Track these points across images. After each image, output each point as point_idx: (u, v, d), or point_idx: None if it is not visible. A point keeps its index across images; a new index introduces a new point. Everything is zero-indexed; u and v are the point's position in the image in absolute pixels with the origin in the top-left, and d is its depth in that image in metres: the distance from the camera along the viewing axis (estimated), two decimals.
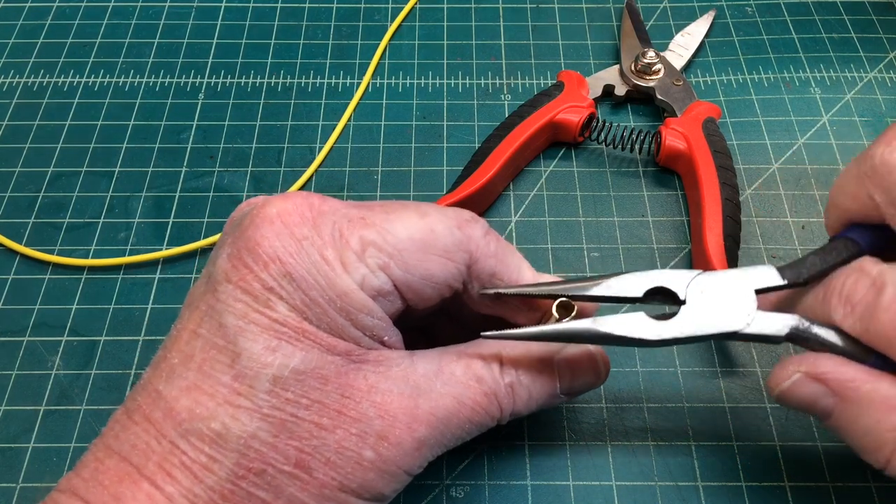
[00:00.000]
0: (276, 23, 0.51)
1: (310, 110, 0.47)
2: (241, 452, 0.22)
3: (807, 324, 0.26)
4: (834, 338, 0.25)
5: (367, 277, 0.24)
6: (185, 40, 0.50)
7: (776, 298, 0.28)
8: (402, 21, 0.51)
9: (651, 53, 0.45)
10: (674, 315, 0.26)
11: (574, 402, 0.35)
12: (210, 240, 0.41)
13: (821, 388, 0.25)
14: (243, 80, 0.48)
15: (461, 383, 0.26)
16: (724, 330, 0.26)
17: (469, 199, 0.39)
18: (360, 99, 0.47)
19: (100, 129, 0.46)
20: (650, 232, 0.41)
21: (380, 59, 0.49)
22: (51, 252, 0.40)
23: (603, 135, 0.43)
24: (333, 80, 0.48)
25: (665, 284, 0.27)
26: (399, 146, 0.45)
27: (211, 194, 0.43)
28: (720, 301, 0.26)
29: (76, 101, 0.47)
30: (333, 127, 0.46)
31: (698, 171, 0.40)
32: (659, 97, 0.44)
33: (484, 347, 0.28)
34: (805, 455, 0.34)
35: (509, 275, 0.28)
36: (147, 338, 0.38)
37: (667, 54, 0.47)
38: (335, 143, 0.45)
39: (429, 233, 0.25)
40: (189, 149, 0.45)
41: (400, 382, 0.25)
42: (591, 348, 0.29)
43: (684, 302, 0.26)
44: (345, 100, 0.47)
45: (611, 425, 0.35)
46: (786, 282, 0.27)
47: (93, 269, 0.40)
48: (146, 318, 0.38)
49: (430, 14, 0.52)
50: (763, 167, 0.43)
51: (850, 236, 0.27)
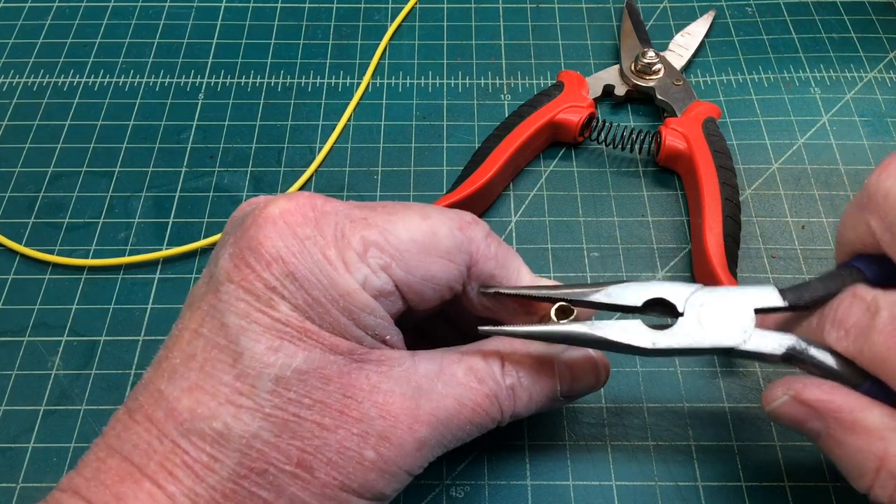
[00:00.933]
0: (276, 23, 0.51)
1: (310, 110, 0.47)
2: (243, 452, 0.22)
3: (804, 345, 0.26)
4: (830, 360, 0.25)
5: (369, 278, 0.24)
6: (185, 40, 0.50)
7: (775, 320, 0.28)
8: (402, 21, 0.51)
9: (651, 53, 0.45)
10: (671, 326, 0.26)
11: (574, 402, 0.35)
12: (210, 240, 0.41)
13: (808, 411, 0.25)
14: (243, 80, 0.48)
15: (462, 384, 0.26)
16: (719, 345, 0.26)
17: (469, 199, 0.39)
18: (360, 99, 0.47)
19: (100, 129, 0.46)
20: (650, 232, 0.41)
21: (380, 59, 0.49)
22: (51, 252, 0.40)
23: (603, 135, 0.43)
24: (333, 80, 0.48)
25: (665, 296, 0.27)
26: (399, 146, 0.45)
27: (211, 194, 0.43)
28: (718, 316, 0.26)
29: (76, 101, 0.47)
30: (333, 127, 0.46)
31: (698, 171, 0.40)
32: (659, 97, 0.44)
33: (486, 349, 0.28)
34: (805, 455, 0.34)
35: (508, 277, 0.28)
36: (147, 338, 0.38)
37: (667, 54, 0.47)
38: (335, 143, 0.45)
39: (430, 234, 0.25)
40: (189, 149, 0.45)
41: (402, 383, 0.25)
42: (592, 352, 0.29)
43: (683, 314, 0.26)
44: (345, 100, 0.47)
45: (611, 425, 0.35)
46: (786, 304, 0.26)
47: (93, 269, 0.40)
48: (146, 318, 0.38)
49: (430, 14, 0.52)
50: (763, 167, 0.43)
51: (855, 265, 0.27)
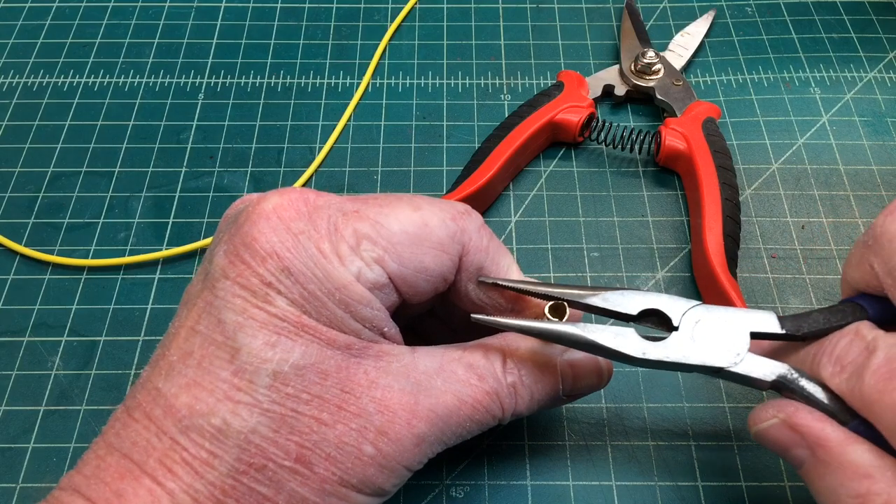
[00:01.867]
0: (276, 23, 0.51)
1: (310, 110, 0.47)
2: (242, 447, 0.22)
3: (795, 375, 0.26)
4: (820, 394, 0.25)
5: (363, 270, 0.24)
6: (185, 40, 0.50)
7: (770, 346, 0.28)
8: (402, 21, 0.51)
9: (651, 53, 0.45)
10: (663, 339, 0.26)
11: (574, 402, 0.35)
12: (210, 240, 0.41)
13: (796, 437, 0.25)
14: (243, 80, 0.48)
15: (462, 381, 0.26)
16: (709, 364, 0.26)
17: (469, 199, 0.39)
18: (360, 99, 0.47)
19: (100, 129, 0.46)
20: (650, 232, 0.41)
21: (380, 59, 0.49)
22: (51, 252, 0.40)
23: (603, 135, 0.43)
24: (333, 80, 0.48)
25: (661, 308, 0.27)
26: (399, 146, 0.45)
27: (211, 194, 0.43)
28: (713, 335, 0.26)
29: (76, 101, 0.47)
30: (333, 127, 0.46)
31: (698, 171, 0.40)
32: (659, 97, 0.45)
33: (487, 346, 0.28)
34: None
35: (497, 272, 0.28)
36: (147, 338, 0.38)
37: (667, 54, 0.47)
38: (335, 143, 0.45)
39: (422, 226, 0.25)
40: (189, 149, 0.45)
41: (400, 378, 0.25)
42: None
43: (677, 329, 0.26)
44: (345, 100, 0.47)
45: (611, 425, 0.35)
46: (784, 331, 0.26)
47: (93, 269, 0.40)
48: (146, 318, 0.38)
49: (430, 14, 0.52)
50: (763, 167, 0.43)
51: (859, 302, 0.27)
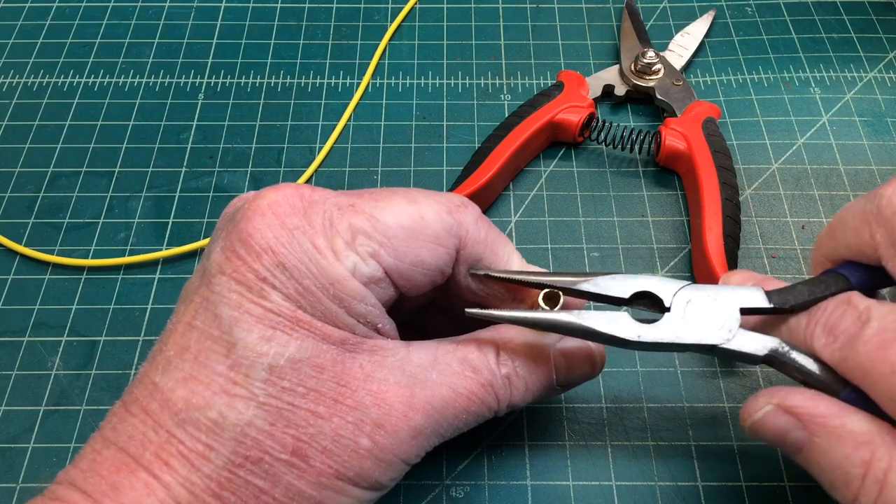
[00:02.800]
0: (276, 23, 0.51)
1: (310, 110, 0.47)
2: (238, 441, 0.22)
3: (786, 348, 0.26)
4: (811, 365, 0.25)
5: (358, 265, 0.24)
6: (185, 40, 0.50)
7: (759, 321, 0.28)
8: (402, 21, 0.51)
9: (651, 53, 0.45)
10: (656, 321, 0.26)
11: (574, 402, 0.35)
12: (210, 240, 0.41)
13: (792, 420, 0.25)
14: (243, 80, 0.48)
15: (457, 373, 0.26)
16: (703, 342, 0.26)
17: (469, 199, 0.39)
18: (360, 99, 0.47)
19: (100, 129, 0.46)
20: (650, 232, 0.41)
21: (379, 59, 0.49)
22: (51, 252, 0.40)
23: (603, 135, 0.43)
24: (333, 80, 0.48)
25: (653, 290, 0.27)
26: (399, 146, 0.45)
27: (211, 194, 0.43)
28: (704, 314, 0.26)
29: (76, 101, 0.47)
30: (333, 127, 0.46)
31: (698, 171, 0.40)
32: (659, 97, 0.44)
33: (481, 338, 0.28)
34: None
35: (498, 262, 0.28)
36: (147, 338, 0.38)
37: (667, 54, 0.47)
38: (335, 143, 0.45)
39: (418, 220, 0.26)
40: (189, 149, 0.45)
41: (396, 371, 0.25)
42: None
43: (669, 310, 0.27)
44: (345, 100, 0.47)
45: (611, 425, 0.35)
46: (772, 305, 0.27)
47: (93, 269, 0.40)
48: (146, 318, 0.38)
49: (430, 14, 0.52)
50: (763, 167, 0.43)
51: (841, 272, 0.27)
